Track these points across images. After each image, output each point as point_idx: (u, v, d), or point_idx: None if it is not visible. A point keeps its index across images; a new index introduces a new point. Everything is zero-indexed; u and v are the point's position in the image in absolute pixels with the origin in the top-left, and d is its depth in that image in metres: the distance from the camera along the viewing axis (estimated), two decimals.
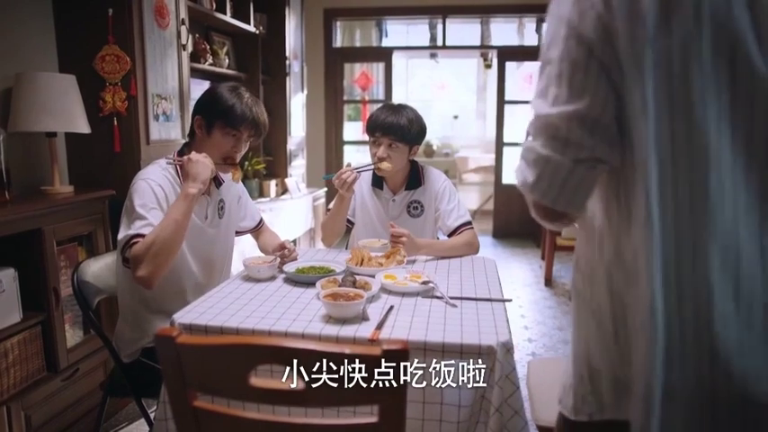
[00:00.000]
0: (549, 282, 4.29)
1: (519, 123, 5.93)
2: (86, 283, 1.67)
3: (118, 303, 1.77)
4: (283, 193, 4.35)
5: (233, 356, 0.89)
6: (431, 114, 7.81)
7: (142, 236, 1.50)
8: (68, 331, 2.13)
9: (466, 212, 2.13)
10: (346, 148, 6.16)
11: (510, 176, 6.06)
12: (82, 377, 2.18)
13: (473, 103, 8.48)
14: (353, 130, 6.58)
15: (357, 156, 6.50)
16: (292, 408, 1.09)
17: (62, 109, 2.14)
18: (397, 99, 6.01)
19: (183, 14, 2.73)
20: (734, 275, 0.69)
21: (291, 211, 4.14)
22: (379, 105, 2.14)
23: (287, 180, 4.37)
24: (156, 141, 2.52)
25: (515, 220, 5.89)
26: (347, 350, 0.88)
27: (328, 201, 5.23)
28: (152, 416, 1.81)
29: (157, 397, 1.88)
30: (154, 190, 1.59)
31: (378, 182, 2.17)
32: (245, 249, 2.73)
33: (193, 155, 1.60)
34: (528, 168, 0.78)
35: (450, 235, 2.10)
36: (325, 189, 5.28)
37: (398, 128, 2.00)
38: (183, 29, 2.71)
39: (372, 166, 2.05)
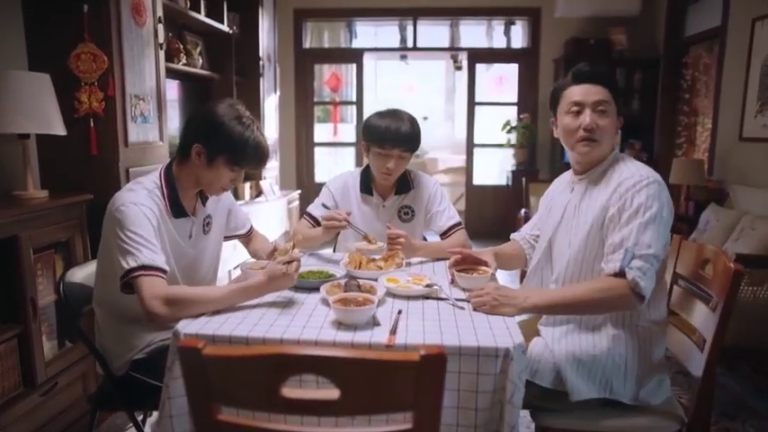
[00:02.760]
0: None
1: (489, 124, 6.00)
2: (74, 293, 1.58)
3: (96, 317, 1.65)
4: (258, 196, 4.28)
5: (265, 367, 0.86)
6: None
7: (158, 269, 1.41)
8: (45, 343, 2.03)
9: (456, 213, 2.15)
10: (317, 149, 6.10)
11: (481, 177, 6.13)
12: (60, 391, 2.07)
13: (441, 105, 8.55)
14: (324, 131, 6.52)
15: (328, 158, 6.45)
16: (307, 417, 1.07)
17: (36, 109, 2.04)
18: (366, 101, 6.00)
19: (160, 12, 2.64)
20: None
21: (267, 214, 4.07)
22: (374, 113, 2.05)
23: (261, 182, 4.30)
24: (135, 143, 2.43)
25: (488, 221, 5.96)
26: (385, 357, 0.86)
27: (302, 203, 5.18)
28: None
29: (147, 409, 1.82)
30: (149, 218, 1.48)
31: (367, 188, 2.15)
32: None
33: (282, 270, 1.42)
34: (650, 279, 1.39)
35: (442, 235, 2.11)
36: (299, 191, 5.23)
37: (409, 138, 1.97)
38: (161, 27, 2.62)
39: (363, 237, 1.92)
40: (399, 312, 1.39)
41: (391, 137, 1.96)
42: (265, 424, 0.94)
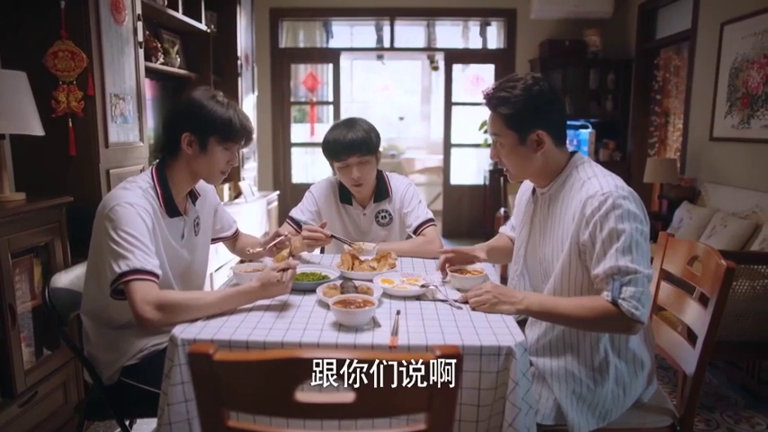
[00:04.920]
0: (504, 280, 4.40)
1: (465, 124, 6.04)
2: (59, 298, 1.53)
3: (84, 324, 1.59)
4: (236, 197, 4.22)
5: (279, 371, 0.85)
6: (375, 116, 7.81)
7: (150, 273, 1.37)
8: (24, 351, 1.96)
9: (426, 211, 2.14)
10: (294, 150, 6.05)
11: (458, 177, 6.17)
12: (41, 401, 2.00)
13: (417, 105, 8.57)
14: (301, 131, 6.47)
15: (305, 158, 6.40)
16: (309, 420, 1.05)
17: (12, 109, 1.96)
18: (342, 100, 5.98)
19: (139, 10, 2.58)
20: None
21: (247, 215, 4.02)
22: (330, 127, 2.06)
23: (240, 183, 4.24)
24: (115, 144, 2.37)
25: (465, 220, 6.01)
26: (400, 358, 0.86)
27: (280, 204, 5.13)
28: None
29: (139, 416, 1.77)
30: (143, 218, 1.45)
31: (346, 198, 2.14)
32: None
33: (277, 277, 1.41)
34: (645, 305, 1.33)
35: (414, 233, 2.12)
36: (278, 192, 5.18)
37: (362, 143, 1.97)
38: (140, 25, 2.56)
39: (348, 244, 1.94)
40: (398, 313, 1.39)
41: (343, 146, 1.96)
42: (273, 429, 0.93)
